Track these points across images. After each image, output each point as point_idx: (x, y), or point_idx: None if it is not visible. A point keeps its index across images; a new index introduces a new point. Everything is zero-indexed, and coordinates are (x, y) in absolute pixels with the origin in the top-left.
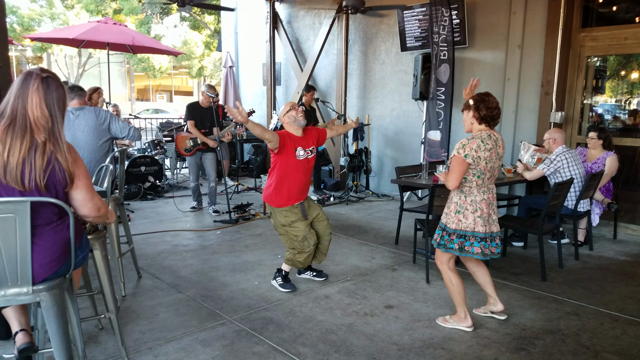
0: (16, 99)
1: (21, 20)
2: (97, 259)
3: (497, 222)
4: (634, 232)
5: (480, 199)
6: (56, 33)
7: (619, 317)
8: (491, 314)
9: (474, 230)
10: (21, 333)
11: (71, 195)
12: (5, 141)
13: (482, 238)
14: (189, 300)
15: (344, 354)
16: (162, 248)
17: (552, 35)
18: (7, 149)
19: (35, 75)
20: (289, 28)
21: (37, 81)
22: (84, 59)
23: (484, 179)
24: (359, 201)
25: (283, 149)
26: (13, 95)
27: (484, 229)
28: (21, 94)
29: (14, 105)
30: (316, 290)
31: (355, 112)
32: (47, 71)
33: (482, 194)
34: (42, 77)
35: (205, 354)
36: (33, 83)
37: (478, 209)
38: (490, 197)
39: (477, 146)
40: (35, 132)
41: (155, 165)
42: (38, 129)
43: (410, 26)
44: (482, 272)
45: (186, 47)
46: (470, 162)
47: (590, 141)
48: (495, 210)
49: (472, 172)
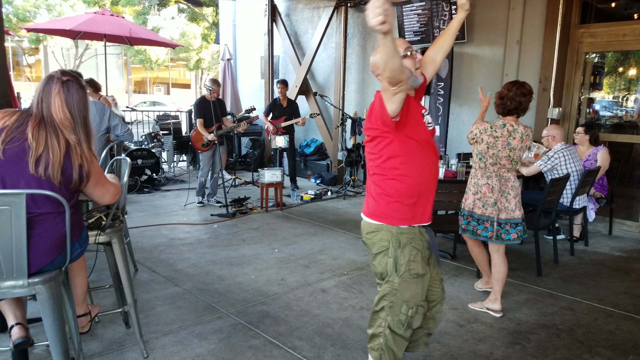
0: (40, 102)
1: (17, 11)
2: (116, 253)
3: (511, 210)
4: (629, 228)
5: (483, 182)
6: (53, 24)
7: (613, 312)
8: (487, 310)
9: (471, 210)
10: (17, 327)
11: (88, 191)
12: (39, 138)
13: (479, 219)
14: (185, 293)
15: (339, 348)
16: (159, 241)
17: (551, 31)
18: (44, 145)
19: (56, 79)
20: (288, 21)
21: (59, 85)
22: (80, 50)
23: (485, 163)
24: (356, 196)
25: (408, 113)
26: (37, 97)
27: (481, 211)
28: (44, 97)
29: (38, 107)
30: (313, 284)
31: (354, 106)
32: (67, 74)
33: (485, 178)
34: (62, 81)
35: (201, 348)
36: (55, 87)
37: (479, 192)
38: (496, 184)
39: (484, 129)
40: (65, 132)
41: (152, 158)
42: (66, 130)
43: (409, 20)
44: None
45: (184, 39)
46: (469, 137)
47: (577, 136)
48: (508, 199)
49: (475, 151)
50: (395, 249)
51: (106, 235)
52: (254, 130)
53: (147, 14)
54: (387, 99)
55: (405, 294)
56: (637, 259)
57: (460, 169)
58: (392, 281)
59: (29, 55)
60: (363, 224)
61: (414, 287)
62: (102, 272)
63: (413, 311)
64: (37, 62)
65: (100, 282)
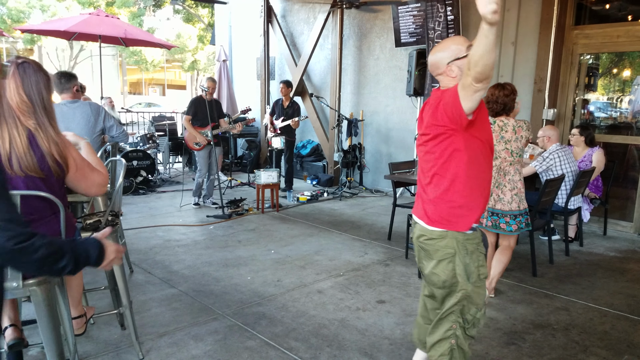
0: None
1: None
2: None
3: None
4: (624, 228)
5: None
6: (47, 25)
7: (608, 312)
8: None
9: None
10: (11, 328)
11: (73, 183)
12: (2, 134)
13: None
14: (181, 295)
15: (336, 349)
16: (154, 243)
17: (546, 33)
18: (8, 139)
19: (11, 64)
20: (284, 22)
21: (13, 67)
22: (75, 51)
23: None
24: (353, 197)
25: (479, 113)
26: None
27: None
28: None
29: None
30: (309, 285)
31: (350, 107)
32: (23, 58)
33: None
34: (17, 64)
35: (197, 349)
36: (9, 71)
37: None
38: (494, 176)
39: None
40: (22, 119)
41: (147, 159)
42: (24, 116)
43: (404, 22)
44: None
45: (179, 41)
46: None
47: (572, 137)
48: (504, 191)
49: None
50: (463, 257)
51: None
52: (250, 131)
53: (142, 15)
54: (467, 96)
55: (477, 298)
56: (631, 259)
57: None
58: (465, 289)
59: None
60: (420, 229)
61: (483, 289)
62: (97, 274)
63: (481, 313)
64: None
65: (95, 283)
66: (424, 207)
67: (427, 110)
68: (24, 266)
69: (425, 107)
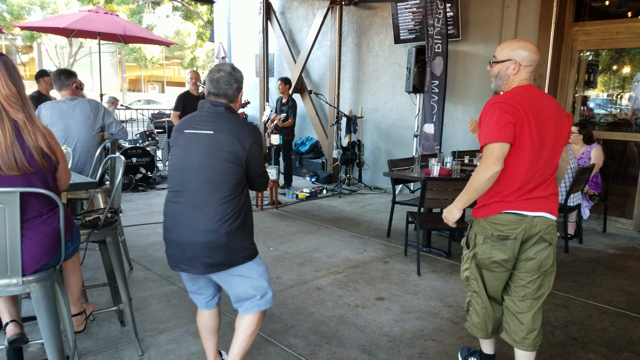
0: None
1: (11, 9)
2: (111, 251)
3: None
4: (624, 225)
5: None
6: (46, 22)
7: (607, 309)
8: None
9: None
10: (12, 324)
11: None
12: None
13: None
14: (180, 292)
15: (335, 345)
16: (154, 240)
17: (545, 29)
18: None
19: None
20: (282, 19)
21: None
22: (74, 48)
23: None
24: (352, 194)
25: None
26: None
27: None
28: None
29: None
30: (308, 282)
31: (349, 104)
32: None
33: None
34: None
35: (196, 345)
36: None
37: None
38: None
39: None
40: (10, 112)
41: (146, 156)
42: (12, 108)
43: (403, 19)
44: None
45: (178, 38)
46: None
47: (571, 135)
48: None
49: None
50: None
51: (101, 233)
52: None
53: (141, 12)
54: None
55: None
56: (631, 256)
57: (455, 167)
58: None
59: (22, 54)
60: (549, 221)
61: None
62: (96, 271)
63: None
64: (31, 61)
65: (95, 280)
66: (554, 202)
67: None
68: None
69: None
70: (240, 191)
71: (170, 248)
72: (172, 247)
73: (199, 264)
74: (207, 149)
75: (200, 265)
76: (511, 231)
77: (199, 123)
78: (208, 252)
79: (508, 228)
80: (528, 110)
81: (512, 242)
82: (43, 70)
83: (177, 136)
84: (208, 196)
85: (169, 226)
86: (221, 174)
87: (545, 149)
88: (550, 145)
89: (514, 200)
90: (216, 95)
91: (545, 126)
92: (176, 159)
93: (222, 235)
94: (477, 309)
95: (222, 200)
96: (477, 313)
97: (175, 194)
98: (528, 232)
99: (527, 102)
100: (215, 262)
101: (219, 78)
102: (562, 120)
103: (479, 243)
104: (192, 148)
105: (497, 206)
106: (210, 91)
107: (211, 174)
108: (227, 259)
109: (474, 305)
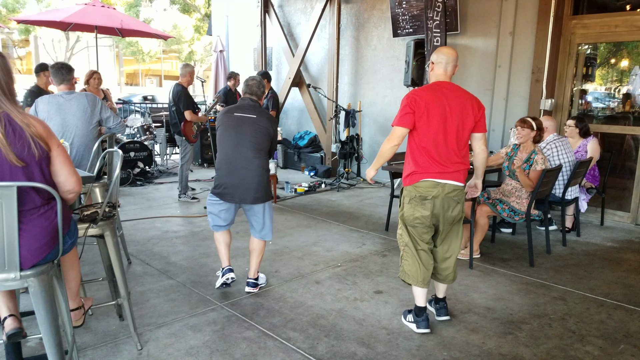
0: None
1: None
2: (109, 246)
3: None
4: (621, 218)
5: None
6: (43, 15)
7: (604, 302)
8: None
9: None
10: (10, 318)
11: (54, 170)
12: None
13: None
14: (179, 286)
15: (334, 339)
16: (152, 234)
17: (544, 23)
18: None
19: None
20: (281, 12)
21: None
22: (71, 42)
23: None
24: (350, 188)
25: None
26: None
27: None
28: None
29: None
30: (307, 276)
31: (347, 98)
32: None
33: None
34: None
35: (195, 339)
36: None
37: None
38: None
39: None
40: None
41: (144, 150)
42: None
43: (402, 12)
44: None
45: (176, 31)
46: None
47: (568, 129)
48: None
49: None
50: None
51: (99, 227)
52: None
53: (138, 5)
54: None
55: None
56: (628, 249)
57: None
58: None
59: (19, 48)
60: (456, 187)
61: None
62: (95, 265)
63: None
64: (27, 55)
65: (93, 274)
66: (462, 173)
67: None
68: None
69: (462, 104)
70: (268, 154)
71: (227, 189)
72: (229, 188)
73: (250, 197)
74: (254, 127)
75: (250, 198)
76: (428, 192)
77: (245, 110)
78: (257, 187)
79: (426, 190)
80: (430, 102)
81: (430, 201)
82: (43, 64)
83: (229, 116)
84: (254, 155)
85: (226, 174)
86: (262, 143)
87: (449, 134)
88: (454, 131)
89: (430, 172)
90: (250, 94)
91: (449, 116)
92: (231, 130)
93: (264, 179)
94: (408, 260)
95: (262, 159)
96: (408, 261)
97: (228, 153)
98: (442, 194)
99: (433, 95)
100: (259, 196)
101: (253, 84)
102: (467, 111)
103: (405, 203)
104: (243, 125)
105: (419, 176)
106: (246, 92)
107: (256, 141)
108: (263, 195)
109: (405, 258)
